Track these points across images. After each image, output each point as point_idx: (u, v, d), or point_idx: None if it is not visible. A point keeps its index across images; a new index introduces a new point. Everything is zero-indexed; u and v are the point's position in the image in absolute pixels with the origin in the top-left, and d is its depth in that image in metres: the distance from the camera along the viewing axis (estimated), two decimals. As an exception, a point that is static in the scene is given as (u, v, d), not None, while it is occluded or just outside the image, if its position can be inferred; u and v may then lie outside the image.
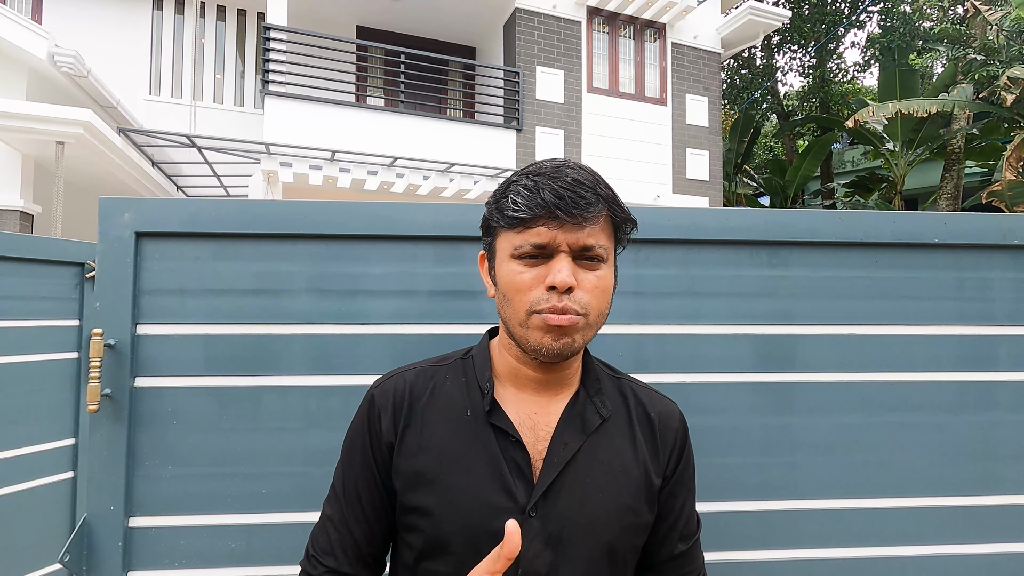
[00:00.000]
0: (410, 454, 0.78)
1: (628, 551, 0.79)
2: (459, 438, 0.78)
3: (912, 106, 8.85)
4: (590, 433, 0.79)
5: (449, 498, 0.75)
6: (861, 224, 1.20)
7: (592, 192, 0.71)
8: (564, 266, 0.71)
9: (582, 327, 0.73)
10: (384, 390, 0.82)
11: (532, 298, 0.72)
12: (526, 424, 0.78)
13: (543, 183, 0.71)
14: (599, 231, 0.73)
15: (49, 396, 1.83)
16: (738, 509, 1.16)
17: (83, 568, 1.03)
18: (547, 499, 0.75)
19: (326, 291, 1.13)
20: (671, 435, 0.84)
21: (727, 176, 13.24)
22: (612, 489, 0.78)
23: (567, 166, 0.73)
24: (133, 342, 1.08)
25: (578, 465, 0.77)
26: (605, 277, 0.75)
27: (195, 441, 1.08)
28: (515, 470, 0.76)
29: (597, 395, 0.82)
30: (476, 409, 0.79)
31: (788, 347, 1.19)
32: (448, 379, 0.83)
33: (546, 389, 0.80)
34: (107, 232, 1.08)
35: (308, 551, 0.83)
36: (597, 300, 0.74)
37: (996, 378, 1.23)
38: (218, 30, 8.74)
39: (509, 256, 0.74)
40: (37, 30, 5.59)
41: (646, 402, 0.86)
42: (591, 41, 8.69)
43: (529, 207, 0.71)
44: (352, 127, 7.13)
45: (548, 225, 0.71)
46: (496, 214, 0.76)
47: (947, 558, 1.19)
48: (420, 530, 0.76)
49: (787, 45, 14.42)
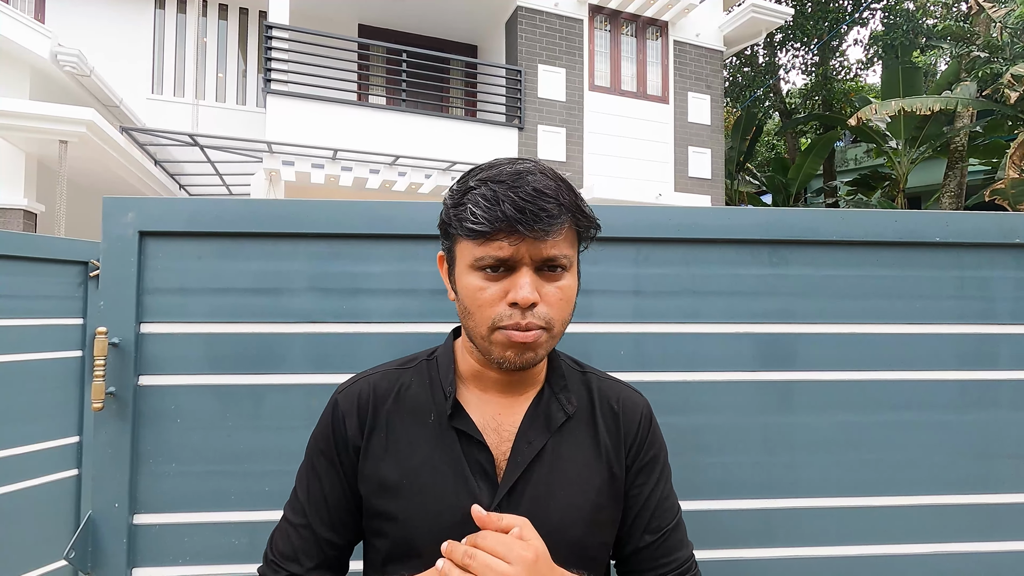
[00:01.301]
0: (376, 459, 0.78)
1: (596, 548, 0.79)
2: (424, 442, 0.78)
3: (915, 104, 8.82)
4: (554, 431, 0.79)
5: (415, 502, 0.75)
6: (862, 223, 1.20)
7: (555, 203, 0.68)
8: (526, 282, 0.69)
9: (544, 341, 0.72)
10: (349, 395, 0.81)
11: (495, 314, 0.70)
12: (490, 425, 0.78)
13: (503, 194, 0.67)
14: (562, 241, 0.71)
15: (53, 394, 1.84)
16: (739, 507, 1.17)
17: (88, 565, 1.04)
18: (511, 499, 0.75)
19: (327, 290, 1.13)
20: (633, 426, 0.84)
21: (729, 174, 13.21)
22: (577, 486, 0.77)
23: (528, 172, 0.70)
24: (137, 341, 1.08)
25: (543, 464, 0.77)
26: (568, 287, 0.73)
27: (198, 439, 1.09)
28: (479, 472, 0.76)
29: (562, 392, 0.82)
30: (440, 412, 0.78)
31: (789, 346, 1.20)
32: (413, 382, 0.82)
33: (510, 390, 0.80)
34: (111, 231, 1.09)
35: (268, 557, 0.81)
36: (559, 311, 0.72)
37: (997, 377, 1.23)
38: (220, 29, 8.75)
39: (469, 266, 0.72)
40: (40, 29, 5.61)
41: (610, 395, 0.85)
42: (593, 39, 8.68)
43: (489, 220, 0.67)
44: (354, 125, 7.14)
45: (509, 239, 0.68)
46: (455, 221, 0.72)
47: (947, 556, 1.19)
48: (386, 535, 0.76)
49: (790, 43, 14.38)
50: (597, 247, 1.17)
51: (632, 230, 1.17)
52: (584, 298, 1.17)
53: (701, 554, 1.15)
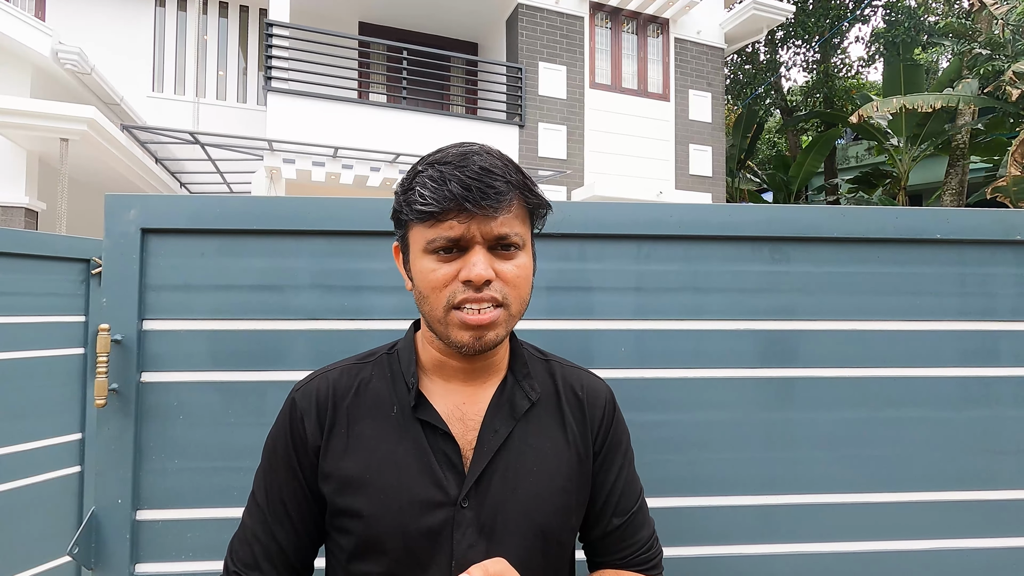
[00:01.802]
0: (337, 456, 0.76)
1: (563, 532, 0.79)
2: (387, 436, 0.76)
3: (917, 101, 8.81)
4: (519, 418, 0.79)
5: (380, 499, 0.73)
6: (863, 220, 1.20)
7: (502, 180, 0.69)
8: (479, 259, 0.69)
9: (503, 320, 0.72)
10: (306, 392, 0.80)
11: (448, 293, 0.70)
12: (454, 415, 0.78)
13: (449, 173, 0.68)
14: (513, 219, 0.71)
15: (56, 391, 1.85)
16: (740, 503, 1.17)
17: (92, 560, 1.04)
18: (479, 488, 0.75)
19: (330, 287, 1.13)
20: (598, 411, 0.84)
21: (730, 172, 13.20)
22: (544, 472, 0.78)
23: (473, 152, 0.70)
24: (139, 337, 1.09)
25: (509, 451, 0.77)
26: (524, 265, 0.73)
27: (201, 435, 1.09)
28: (445, 462, 0.75)
29: (525, 379, 0.81)
30: (403, 405, 0.78)
31: (790, 342, 1.20)
32: (374, 376, 0.81)
33: (473, 378, 0.80)
34: (113, 228, 1.09)
35: (228, 566, 0.79)
36: (517, 289, 0.72)
37: (998, 373, 1.23)
38: (221, 27, 8.75)
39: (422, 251, 0.72)
40: (41, 27, 5.61)
41: (573, 382, 0.85)
42: (594, 36, 8.67)
43: (437, 200, 0.68)
44: (355, 123, 7.13)
45: (459, 218, 0.68)
46: (405, 207, 0.72)
47: (948, 552, 1.19)
48: (351, 532, 0.74)
49: (791, 40, 14.34)
50: (598, 244, 1.17)
51: (633, 227, 1.17)
52: (585, 295, 1.17)
53: (702, 550, 1.15)
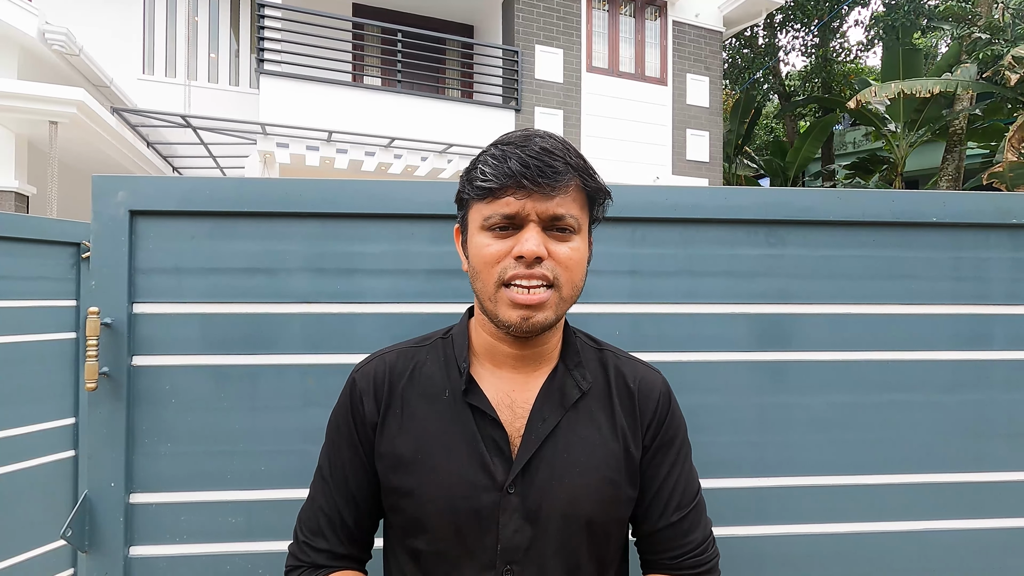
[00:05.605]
0: (391, 436, 0.79)
1: (610, 524, 0.79)
2: (439, 418, 0.78)
3: (915, 86, 8.76)
4: (568, 408, 0.79)
5: (429, 479, 0.76)
6: (859, 203, 1.20)
7: (561, 160, 0.70)
8: (533, 236, 0.70)
9: (554, 303, 0.72)
10: (365, 373, 0.83)
11: (500, 268, 0.71)
12: (504, 402, 0.78)
13: (511, 152, 0.70)
14: (570, 201, 0.72)
15: (48, 376, 1.84)
16: (733, 486, 1.18)
17: (85, 543, 1.04)
18: (525, 475, 0.75)
19: (323, 270, 1.12)
20: (651, 404, 0.83)
21: (727, 157, 13.15)
22: (591, 463, 0.78)
23: (536, 135, 0.72)
24: (130, 321, 1.08)
25: (557, 440, 0.77)
26: (578, 249, 0.74)
27: (194, 419, 1.09)
28: (493, 448, 0.76)
29: (576, 368, 0.82)
30: (454, 389, 0.79)
31: (785, 326, 1.20)
32: (428, 359, 0.83)
33: (524, 365, 0.80)
34: (101, 211, 1.07)
35: (297, 535, 0.84)
36: (569, 272, 0.73)
37: (991, 357, 1.23)
38: (211, 7, 8.60)
39: (479, 228, 0.74)
40: (26, 7, 5.49)
41: (627, 373, 0.85)
42: (591, 19, 8.57)
43: (496, 176, 0.70)
44: (349, 107, 7.05)
45: (516, 195, 0.70)
46: (466, 185, 0.75)
47: (939, 533, 1.21)
48: (402, 510, 0.77)
49: (790, 24, 14.23)
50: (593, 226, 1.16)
51: (629, 210, 1.16)
52: (580, 278, 1.16)
53: (695, 532, 1.16)
